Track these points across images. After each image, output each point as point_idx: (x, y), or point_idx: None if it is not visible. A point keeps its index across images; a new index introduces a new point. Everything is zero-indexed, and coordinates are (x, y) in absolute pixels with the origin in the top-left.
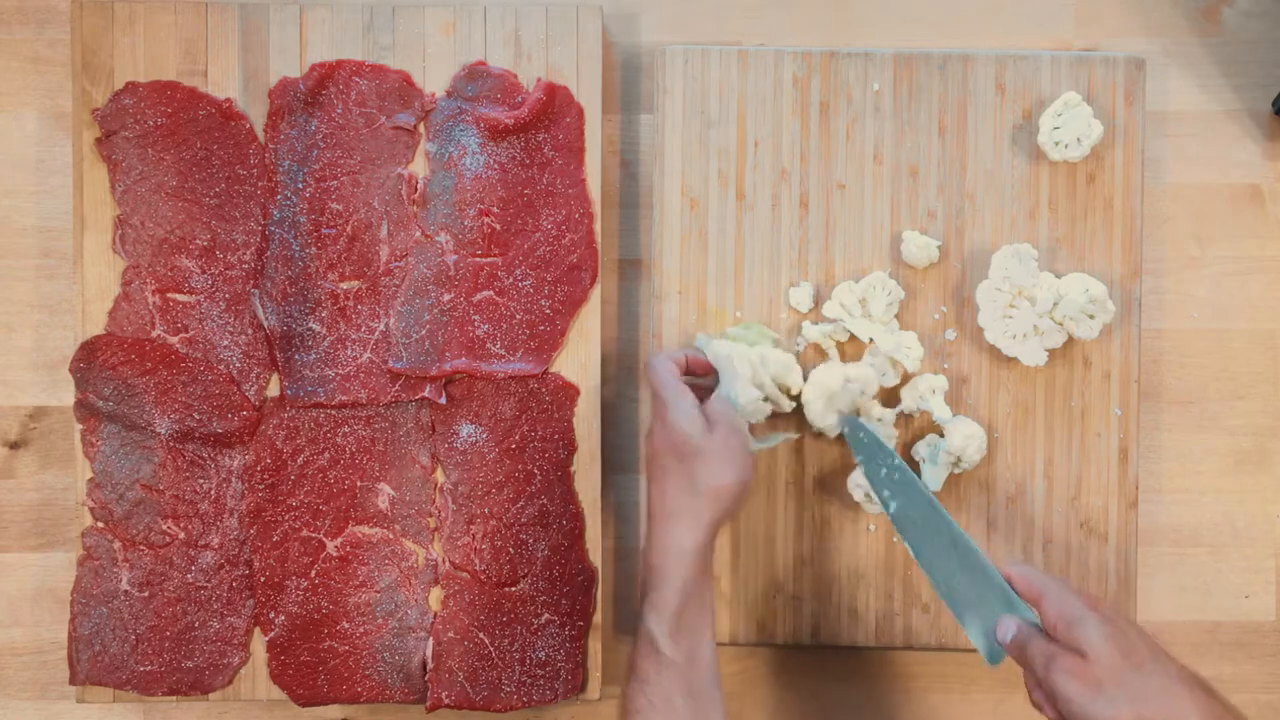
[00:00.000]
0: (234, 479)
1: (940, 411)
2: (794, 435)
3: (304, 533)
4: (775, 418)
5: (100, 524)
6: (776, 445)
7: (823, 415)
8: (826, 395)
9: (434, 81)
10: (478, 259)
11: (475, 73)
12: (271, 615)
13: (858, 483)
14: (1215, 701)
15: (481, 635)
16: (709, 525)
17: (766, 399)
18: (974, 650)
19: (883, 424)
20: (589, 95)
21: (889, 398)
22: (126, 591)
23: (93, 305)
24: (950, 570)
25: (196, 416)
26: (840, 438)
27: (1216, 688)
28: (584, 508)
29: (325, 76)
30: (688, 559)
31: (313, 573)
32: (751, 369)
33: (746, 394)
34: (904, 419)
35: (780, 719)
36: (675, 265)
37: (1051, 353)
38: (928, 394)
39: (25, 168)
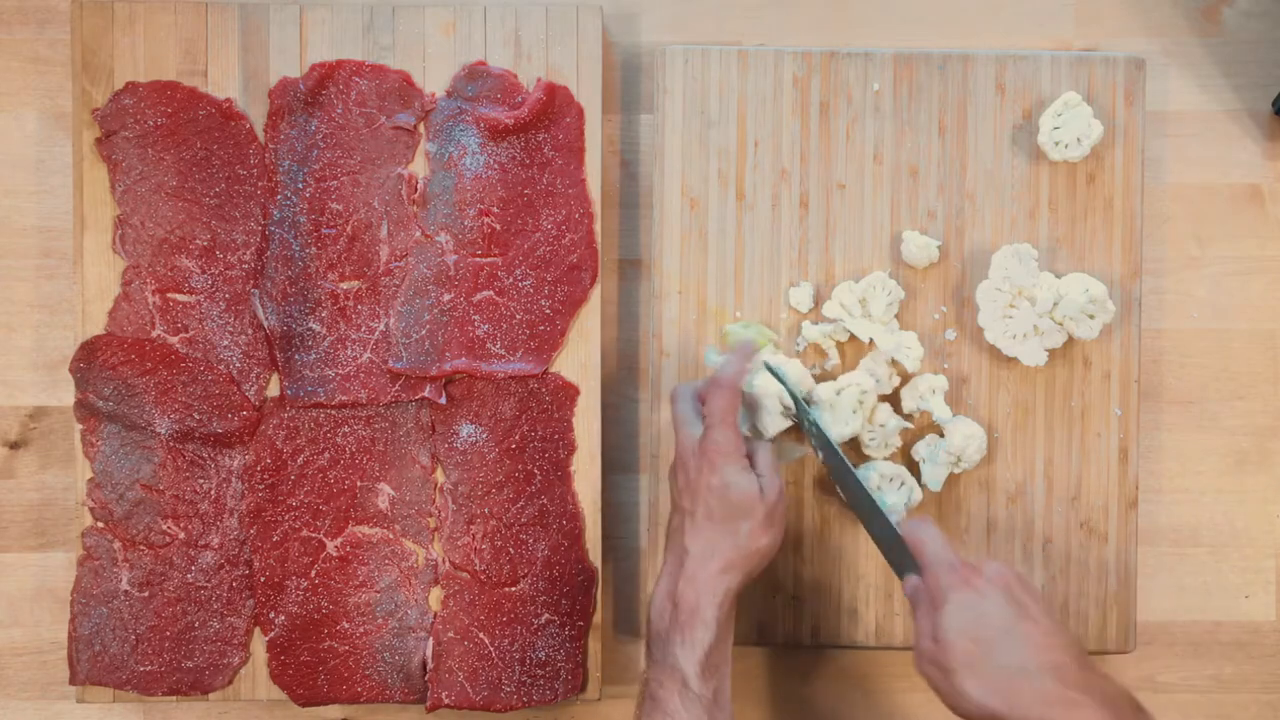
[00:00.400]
0: (234, 479)
1: (940, 411)
2: (809, 450)
3: (304, 533)
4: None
5: (100, 524)
6: (795, 459)
7: (832, 427)
8: (827, 408)
9: (434, 81)
10: (478, 259)
11: (475, 73)
12: (271, 615)
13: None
14: (1068, 690)
15: (481, 635)
16: (746, 576)
17: (785, 412)
18: None
19: (885, 430)
20: (589, 95)
21: (889, 401)
22: (126, 591)
23: (93, 305)
24: (871, 520)
25: (196, 416)
26: (850, 442)
27: (1084, 669)
28: (583, 508)
29: (325, 76)
30: (724, 601)
31: (313, 573)
32: (782, 404)
33: (776, 426)
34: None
35: (780, 719)
36: (675, 265)
37: (1051, 353)
38: (928, 394)
39: (25, 168)
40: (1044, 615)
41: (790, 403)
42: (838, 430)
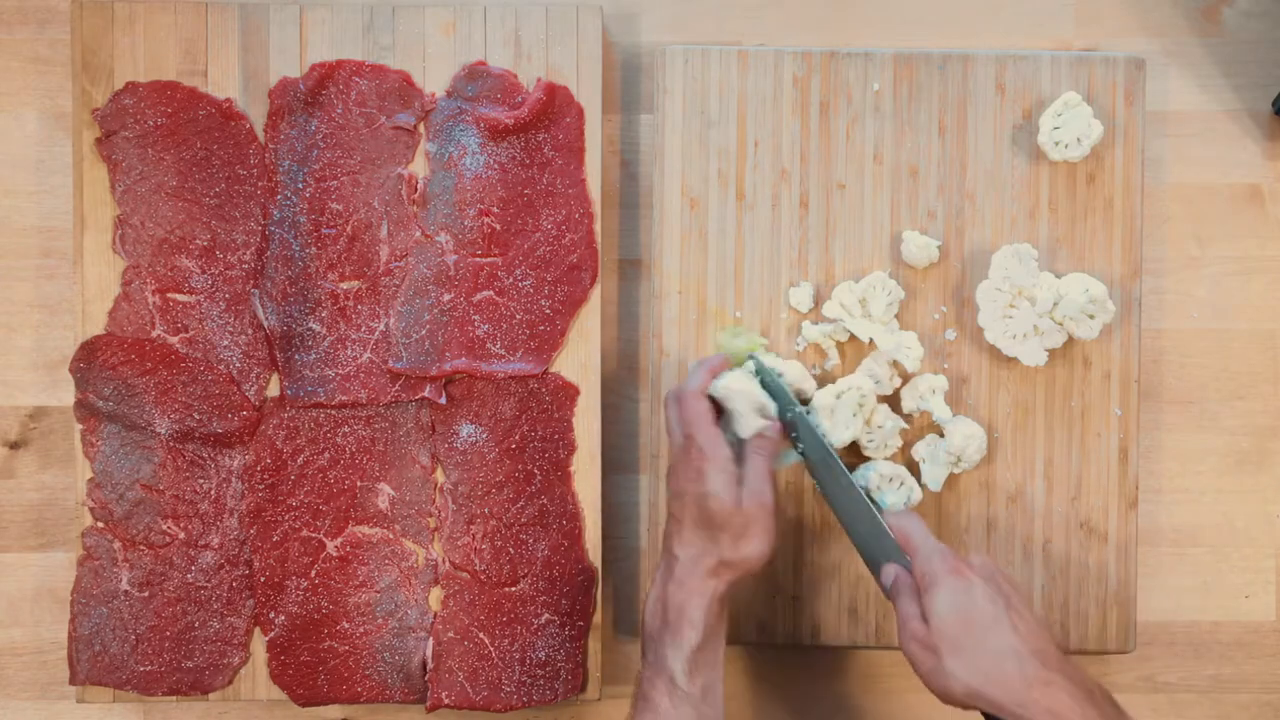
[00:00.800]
0: (234, 479)
1: (940, 411)
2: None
3: (304, 533)
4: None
5: (100, 524)
6: (789, 465)
7: (832, 431)
8: (828, 413)
9: (434, 81)
10: (478, 259)
11: (475, 73)
12: (271, 615)
13: (858, 483)
14: (1049, 671)
15: (481, 635)
16: (732, 582)
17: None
18: None
19: (883, 430)
20: (589, 95)
21: (889, 401)
22: (126, 591)
23: (93, 305)
24: (852, 513)
25: (196, 416)
26: (851, 446)
27: (1065, 662)
28: (583, 508)
29: (325, 76)
30: (710, 604)
31: (313, 573)
32: (758, 404)
33: (750, 427)
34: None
35: (780, 719)
36: (675, 265)
37: (1051, 353)
38: (928, 394)
39: (25, 168)
40: (1026, 608)
41: (766, 402)
42: (838, 435)
